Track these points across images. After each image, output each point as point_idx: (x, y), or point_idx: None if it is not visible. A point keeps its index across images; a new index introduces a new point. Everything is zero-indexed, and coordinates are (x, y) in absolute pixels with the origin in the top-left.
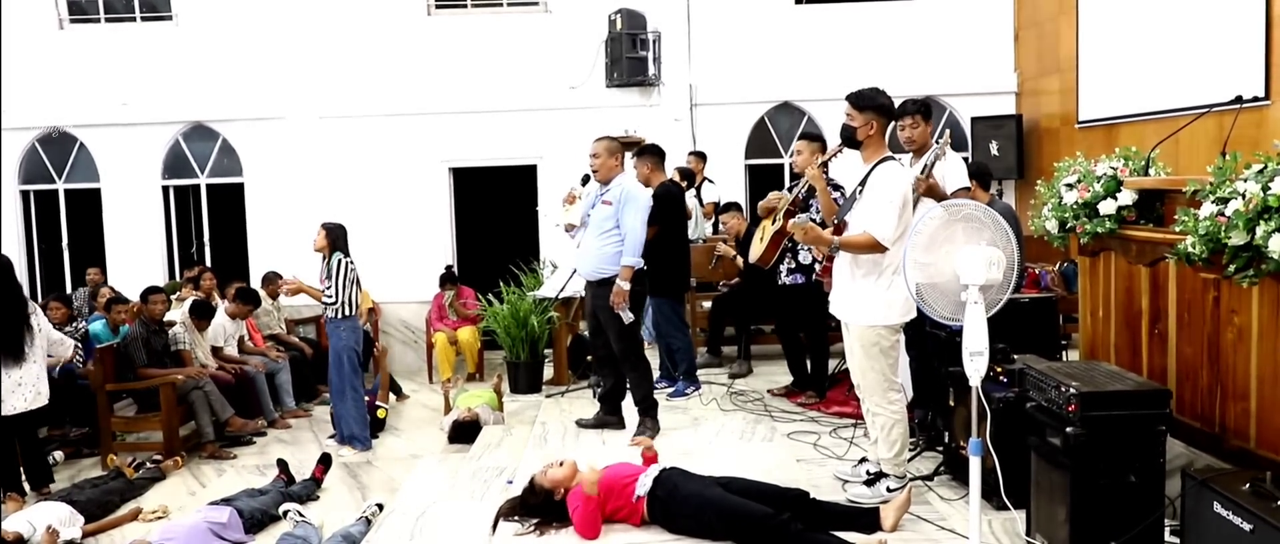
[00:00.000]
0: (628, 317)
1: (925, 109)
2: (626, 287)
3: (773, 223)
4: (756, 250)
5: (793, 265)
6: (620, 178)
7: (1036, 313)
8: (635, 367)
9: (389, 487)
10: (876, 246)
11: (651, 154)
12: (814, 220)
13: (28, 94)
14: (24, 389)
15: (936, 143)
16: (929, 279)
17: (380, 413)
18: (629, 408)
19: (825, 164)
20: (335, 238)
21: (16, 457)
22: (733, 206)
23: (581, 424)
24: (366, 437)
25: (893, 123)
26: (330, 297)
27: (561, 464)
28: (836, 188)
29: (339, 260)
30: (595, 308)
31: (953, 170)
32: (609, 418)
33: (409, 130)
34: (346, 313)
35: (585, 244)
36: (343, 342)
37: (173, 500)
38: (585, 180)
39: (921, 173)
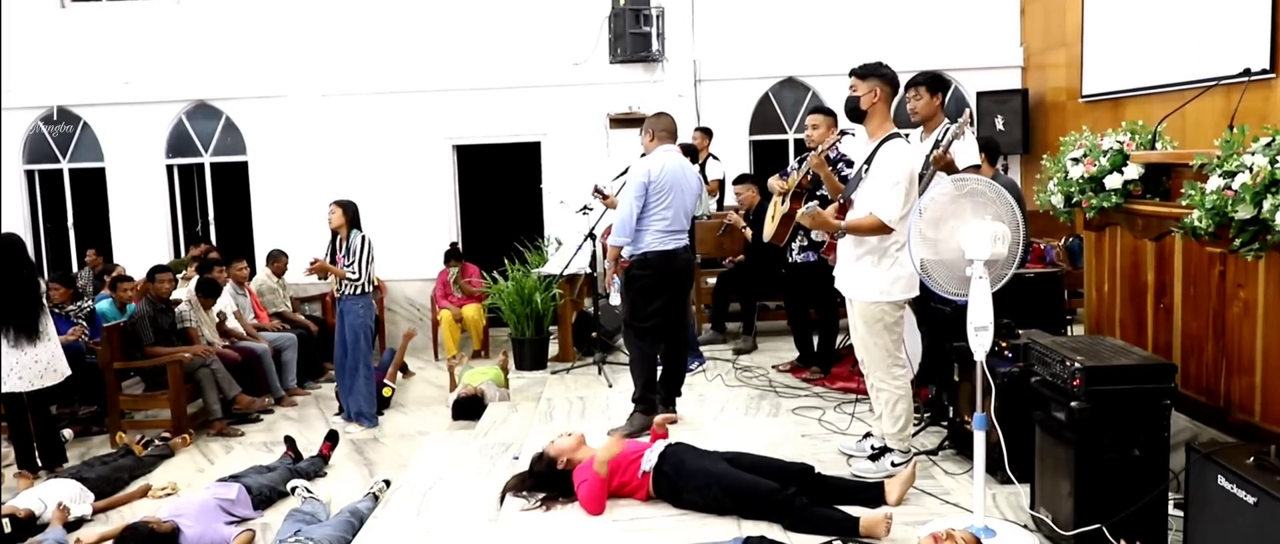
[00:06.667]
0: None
1: (931, 81)
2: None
3: (782, 203)
4: (769, 229)
5: (804, 243)
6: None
7: (1041, 288)
8: (631, 351)
9: (396, 463)
10: (882, 229)
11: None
12: (820, 199)
13: (30, 74)
14: (41, 366)
15: (954, 123)
16: (935, 254)
17: (386, 391)
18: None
19: (826, 155)
20: (351, 215)
21: (31, 434)
22: (746, 178)
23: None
24: (374, 414)
25: (898, 95)
26: (354, 273)
27: (568, 435)
28: (848, 163)
29: (361, 237)
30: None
31: (966, 147)
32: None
33: (412, 108)
34: (367, 289)
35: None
36: (359, 319)
37: (181, 477)
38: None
39: (936, 148)
